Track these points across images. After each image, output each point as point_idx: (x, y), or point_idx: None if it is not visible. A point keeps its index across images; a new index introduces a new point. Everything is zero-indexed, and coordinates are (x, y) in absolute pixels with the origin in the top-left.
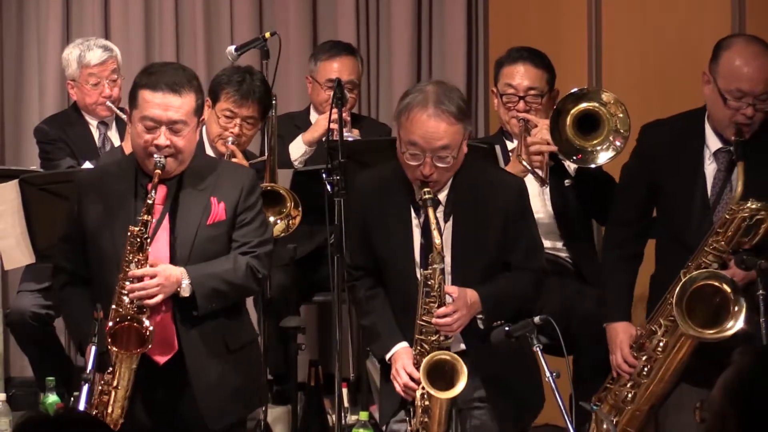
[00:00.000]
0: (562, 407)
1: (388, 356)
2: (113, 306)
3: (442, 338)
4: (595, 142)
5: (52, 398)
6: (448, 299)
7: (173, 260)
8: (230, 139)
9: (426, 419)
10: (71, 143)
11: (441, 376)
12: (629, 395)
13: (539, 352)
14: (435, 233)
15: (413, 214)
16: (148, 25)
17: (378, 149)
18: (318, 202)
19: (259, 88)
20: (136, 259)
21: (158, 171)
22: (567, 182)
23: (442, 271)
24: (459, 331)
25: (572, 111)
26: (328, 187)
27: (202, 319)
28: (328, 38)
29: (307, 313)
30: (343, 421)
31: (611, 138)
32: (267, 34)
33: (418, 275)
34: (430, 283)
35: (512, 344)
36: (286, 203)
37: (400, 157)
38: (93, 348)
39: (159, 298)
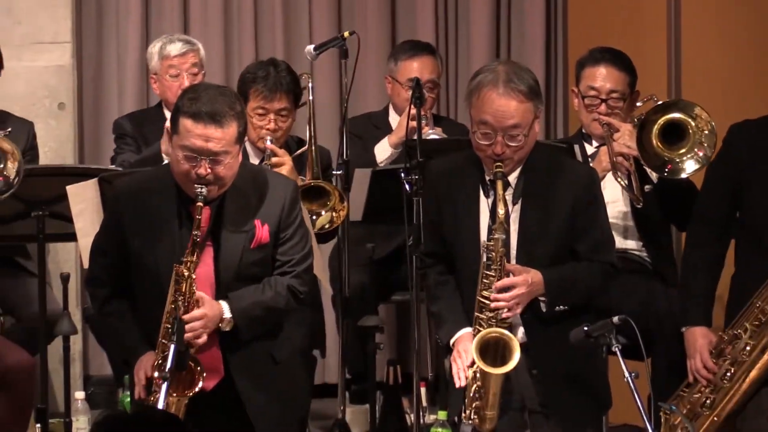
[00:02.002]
0: (640, 408)
1: (452, 341)
2: (161, 339)
3: (500, 317)
4: (681, 152)
5: (130, 396)
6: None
7: (218, 284)
8: (268, 139)
9: (479, 403)
10: (145, 140)
11: (494, 355)
12: (707, 401)
13: (619, 353)
14: (499, 204)
15: (482, 195)
16: (227, 25)
17: (457, 149)
18: (397, 201)
19: (285, 78)
20: (181, 298)
21: (200, 204)
22: (647, 188)
23: (505, 242)
24: (518, 311)
25: (659, 121)
26: (407, 187)
27: (247, 341)
28: (407, 38)
29: (385, 313)
30: (421, 421)
31: (695, 149)
32: (346, 34)
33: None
34: (491, 255)
35: (590, 344)
36: (330, 196)
37: (472, 137)
38: (172, 347)
39: (204, 338)
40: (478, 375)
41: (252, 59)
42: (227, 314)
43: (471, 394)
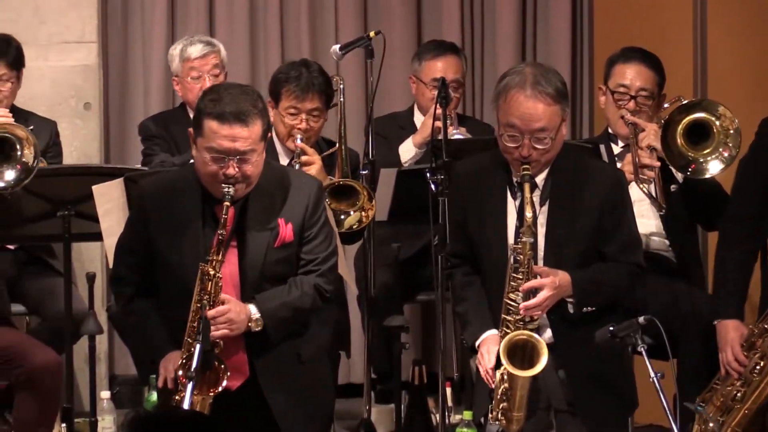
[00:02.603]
0: (666, 408)
1: (477, 343)
2: (186, 338)
3: (527, 319)
4: (705, 152)
5: (156, 396)
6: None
7: (242, 283)
8: (299, 137)
9: (506, 404)
10: (173, 140)
11: (522, 357)
12: (738, 394)
13: (644, 353)
14: (527, 207)
15: (509, 197)
16: (252, 26)
17: (482, 148)
18: (422, 201)
19: (317, 78)
20: (206, 297)
21: (227, 204)
22: (673, 187)
23: (532, 246)
24: (544, 312)
25: (684, 121)
26: (432, 187)
27: (273, 342)
28: (433, 38)
29: (410, 313)
30: (446, 421)
31: (720, 149)
32: (372, 34)
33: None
34: (519, 258)
35: (615, 344)
36: (359, 196)
37: (499, 140)
38: (198, 346)
39: (226, 333)
40: (505, 377)
41: (278, 60)
42: (256, 314)
43: (498, 396)
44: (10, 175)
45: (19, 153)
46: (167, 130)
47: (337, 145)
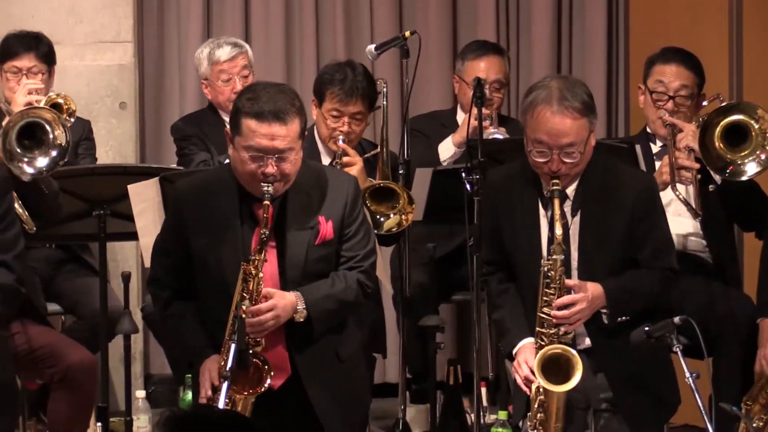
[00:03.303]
0: (701, 408)
1: (513, 351)
2: (226, 338)
3: (561, 332)
4: (743, 154)
5: (191, 395)
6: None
7: (284, 282)
8: (341, 138)
9: (542, 415)
10: (207, 140)
11: (557, 370)
12: None
13: (680, 353)
14: (557, 224)
15: (541, 208)
16: (288, 25)
17: (518, 149)
18: (457, 201)
19: (361, 82)
20: (248, 295)
21: (267, 202)
22: (711, 187)
23: (563, 262)
24: (579, 326)
25: (722, 123)
26: (468, 187)
27: (314, 339)
28: (468, 38)
29: (445, 312)
30: (481, 421)
31: (758, 152)
32: (407, 33)
33: None
34: (550, 274)
35: (651, 344)
36: (399, 199)
37: (528, 155)
38: (233, 346)
39: (272, 324)
40: (541, 389)
41: (313, 59)
42: (300, 305)
43: (535, 407)
44: (42, 162)
45: (51, 135)
46: (200, 130)
47: (379, 147)
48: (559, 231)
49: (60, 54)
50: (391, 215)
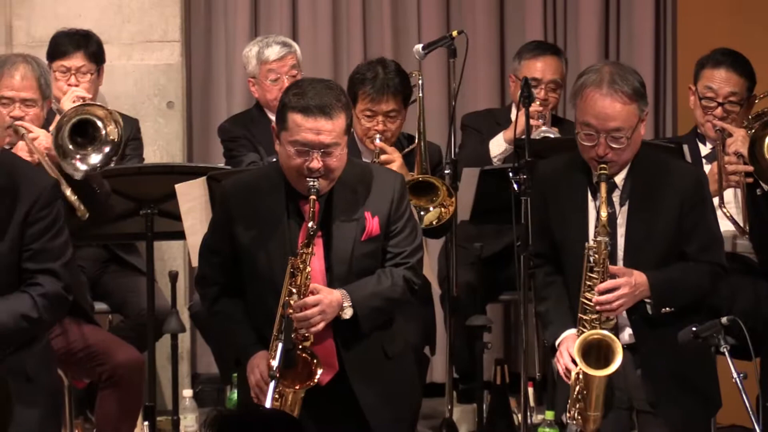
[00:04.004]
0: (749, 409)
1: (557, 342)
2: (275, 334)
3: (603, 318)
4: None
5: (237, 394)
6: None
7: (330, 278)
8: (377, 137)
9: (582, 404)
10: (255, 141)
11: (597, 356)
12: None
13: (727, 354)
14: (602, 207)
15: (590, 196)
16: (335, 24)
17: (569, 148)
18: (505, 201)
19: (393, 80)
20: (296, 290)
21: (313, 197)
22: (759, 191)
23: (607, 245)
24: (620, 312)
25: None
26: (515, 186)
27: (361, 335)
28: (516, 37)
29: (493, 312)
30: (528, 421)
31: None
32: (454, 33)
33: None
34: (594, 257)
35: (698, 344)
36: (438, 192)
37: (576, 138)
38: (279, 345)
39: (322, 325)
40: (581, 376)
41: (360, 58)
42: (346, 302)
43: (574, 395)
44: (95, 158)
45: (103, 132)
46: (248, 130)
47: (416, 141)
48: (604, 213)
49: (107, 53)
50: (431, 208)
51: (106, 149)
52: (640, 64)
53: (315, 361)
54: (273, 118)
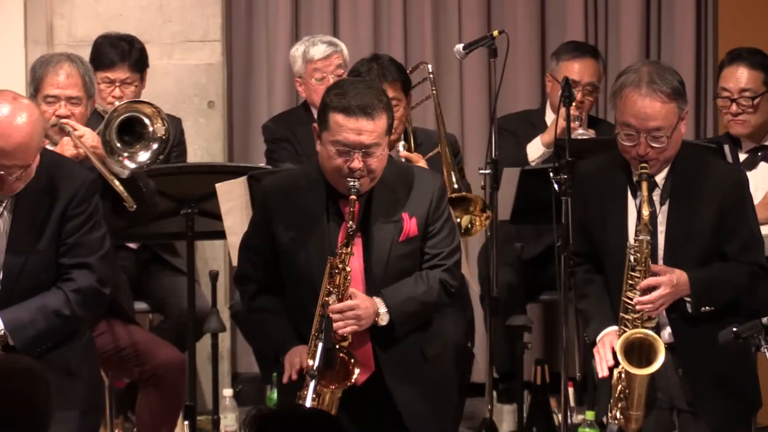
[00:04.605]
0: None
1: (597, 339)
2: (312, 333)
3: (645, 317)
4: None
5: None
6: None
7: (368, 278)
8: (401, 145)
9: (624, 403)
10: (298, 143)
11: (639, 356)
12: None
13: (767, 353)
14: (644, 206)
15: (630, 197)
16: (376, 24)
17: (608, 149)
18: (545, 201)
19: (388, 69)
20: (335, 290)
21: (353, 197)
22: None
23: (649, 244)
24: (661, 311)
25: None
26: (556, 186)
27: (398, 337)
28: (556, 37)
29: (533, 312)
30: (568, 421)
31: None
32: (495, 33)
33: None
34: (636, 256)
35: (738, 344)
36: (470, 205)
37: (617, 138)
38: (319, 344)
39: (355, 329)
40: (622, 376)
41: (401, 58)
42: (382, 308)
43: (616, 395)
44: (143, 156)
45: (150, 129)
46: (292, 131)
47: (440, 146)
48: (645, 212)
49: (148, 53)
50: (463, 215)
51: (154, 146)
52: (680, 63)
53: (353, 360)
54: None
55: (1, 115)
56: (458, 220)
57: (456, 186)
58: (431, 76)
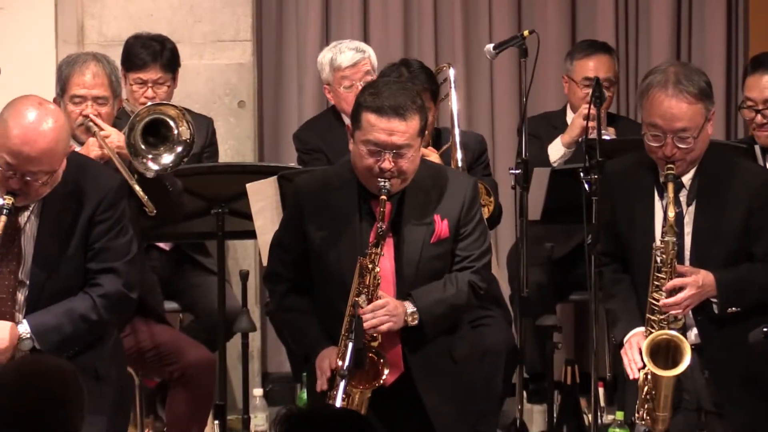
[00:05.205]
0: None
1: (624, 340)
2: (343, 332)
3: (671, 318)
4: None
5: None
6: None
7: (399, 279)
8: None
9: (650, 405)
10: (330, 149)
11: (666, 357)
12: None
13: None
14: (670, 207)
15: (657, 196)
16: (406, 25)
17: (634, 148)
18: (575, 201)
19: (419, 77)
20: (365, 290)
21: (384, 197)
22: None
23: (675, 245)
24: (687, 312)
25: None
26: (586, 186)
27: (427, 339)
28: (587, 37)
29: (563, 312)
30: (599, 421)
31: None
32: (525, 33)
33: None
34: (662, 257)
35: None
36: None
37: (644, 139)
38: (350, 345)
39: (390, 326)
40: (649, 377)
41: (432, 59)
42: (411, 308)
43: (643, 396)
44: (167, 158)
45: (175, 131)
46: (323, 139)
47: (451, 139)
48: (671, 213)
49: (179, 53)
50: None
51: (179, 149)
52: (711, 64)
53: (382, 360)
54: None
55: (27, 121)
56: None
57: None
58: (452, 76)
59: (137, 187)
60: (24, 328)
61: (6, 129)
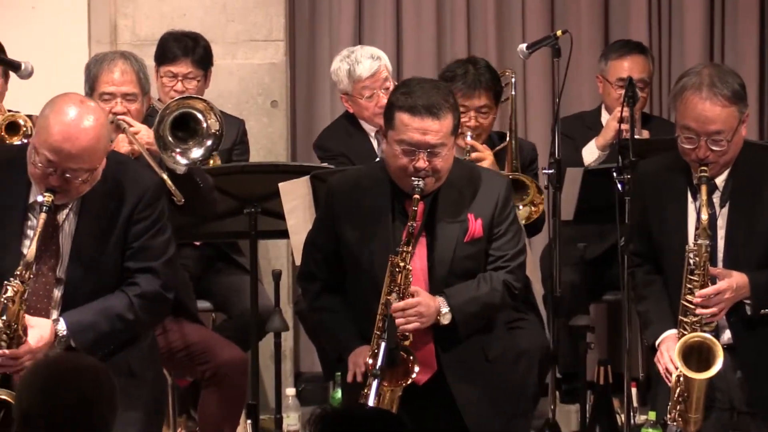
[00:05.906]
0: None
1: (657, 342)
2: (375, 331)
3: (704, 321)
4: None
5: (341, 393)
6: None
7: (431, 279)
8: (468, 134)
9: (683, 406)
10: (352, 155)
11: (698, 359)
12: None
13: None
14: (703, 209)
15: (690, 198)
16: (439, 25)
17: (668, 148)
18: (609, 201)
19: (484, 75)
20: (396, 288)
21: (417, 197)
22: None
23: (708, 248)
24: (721, 316)
25: None
26: (619, 186)
27: (461, 338)
28: (620, 37)
29: (596, 312)
30: (631, 421)
31: None
32: (558, 32)
33: None
34: (695, 260)
35: None
36: (528, 190)
37: (677, 141)
38: (383, 344)
39: (417, 326)
40: (681, 379)
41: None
42: (445, 308)
43: (675, 397)
44: (197, 152)
45: (204, 125)
46: (345, 144)
47: (507, 139)
48: (705, 216)
49: (212, 53)
50: (521, 207)
51: (208, 143)
52: (744, 64)
53: (411, 358)
54: (368, 130)
55: (68, 118)
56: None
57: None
58: (513, 80)
59: (165, 176)
60: (61, 326)
61: (47, 126)
